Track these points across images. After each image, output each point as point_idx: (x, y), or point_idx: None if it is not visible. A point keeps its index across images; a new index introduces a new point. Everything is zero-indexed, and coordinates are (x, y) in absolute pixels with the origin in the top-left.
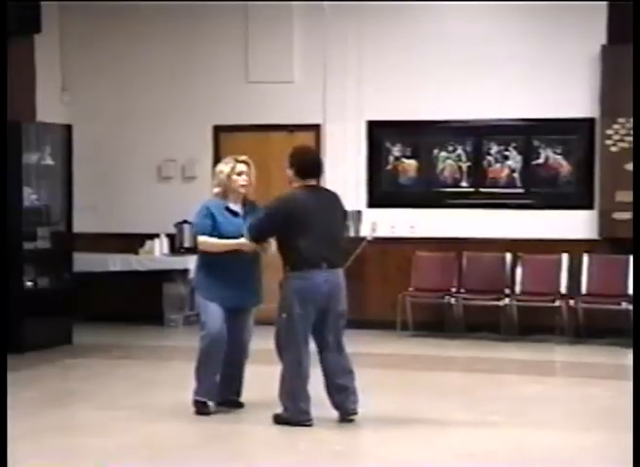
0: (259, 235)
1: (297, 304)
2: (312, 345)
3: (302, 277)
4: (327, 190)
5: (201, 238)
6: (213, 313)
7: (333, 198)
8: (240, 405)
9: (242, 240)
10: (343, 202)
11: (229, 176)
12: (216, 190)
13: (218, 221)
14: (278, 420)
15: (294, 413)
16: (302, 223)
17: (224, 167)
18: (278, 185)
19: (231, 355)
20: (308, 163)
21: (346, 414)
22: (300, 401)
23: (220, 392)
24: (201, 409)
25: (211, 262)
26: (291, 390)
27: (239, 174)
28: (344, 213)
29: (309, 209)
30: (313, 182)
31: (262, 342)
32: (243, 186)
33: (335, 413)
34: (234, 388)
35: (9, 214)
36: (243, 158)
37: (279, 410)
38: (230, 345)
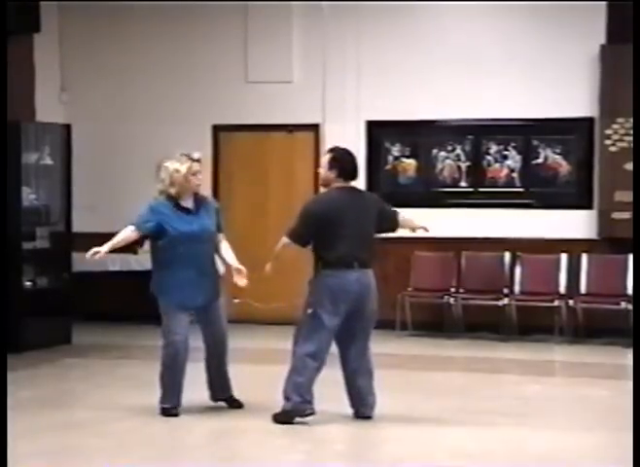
0: (298, 238)
1: (327, 301)
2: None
3: (335, 276)
4: (362, 191)
5: (127, 228)
6: (177, 319)
7: (369, 199)
8: (239, 404)
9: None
10: (380, 201)
11: (186, 177)
12: (171, 190)
13: (170, 220)
14: (278, 418)
15: (296, 404)
16: (338, 223)
17: (179, 167)
18: (276, 184)
19: (211, 353)
20: (352, 166)
21: (361, 417)
22: (305, 393)
23: (213, 394)
24: (168, 412)
25: (166, 263)
26: (298, 381)
27: (194, 174)
28: (384, 209)
29: (345, 209)
30: (350, 183)
31: (262, 342)
32: (198, 185)
33: (335, 413)
34: (218, 387)
35: (8, 214)
36: (197, 155)
37: (282, 405)
38: (207, 344)
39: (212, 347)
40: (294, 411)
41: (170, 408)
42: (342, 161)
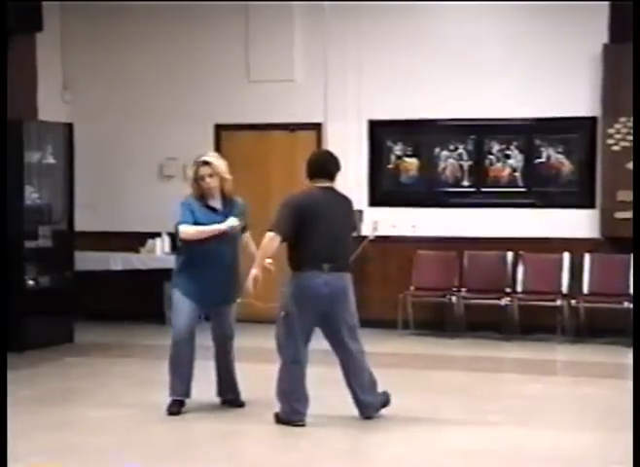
0: (280, 229)
1: (294, 304)
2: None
3: (302, 278)
4: (337, 192)
5: (182, 227)
6: (182, 312)
7: (342, 201)
8: (240, 404)
9: (218, 226)
10: (353, 206)
11: (194, 180)
12: (191, 190)
13: (196, 216)
14: (278, 419)
15: (286, 413)
16: (306, 223)
17: (189, 172)
18: (278, 183)
19: (217, 354)
20: (316, 164)
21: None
22: (292, 401)
23: (219, 392)
24: (171, 408)
25: (190, 259)
26: (285, 389)
27: (202, 178)
28: (352, 215)
29: (314, 210)
30: (324, 183)
31: (262, 341)
32: (210, 188)
33: (336, 412)
34: (225, 388)
35: (10, 213)
36: (206, 158)
37: (278, 408)
38: (214, 344)
39: (217, 348)
40: (285, 419)
41: (174, 400)
42: (309, 160)
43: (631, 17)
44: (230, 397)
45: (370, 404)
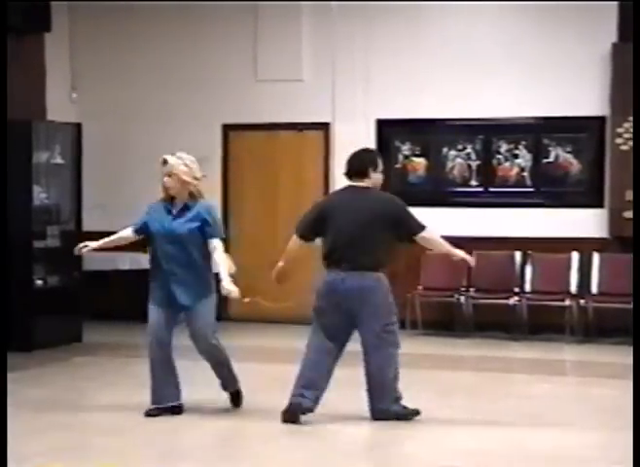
0: (297, 228)
1: (317, 300)
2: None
3: (326, 275)
4: (371, 192)
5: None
6: (152, 318)
7: (377, 201)
8: (238, 402)
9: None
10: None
11: (164, 175)
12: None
13: (150, 219)
14: (284, 416)
15: (291, 397)
16: (329, 221)
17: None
18: (286, 182)
19: (203, 354)
20: (347, 164)
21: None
22: (298, 386)
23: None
24: (149, 412)
25: (152, 263)
26: (298, 374)
27: (165, 176)
28: (402, 220)
29: (341, 207)
30: (356, 182)
31: (271, 341)
32: (167, 188)
33: (342, 413)
34: (223, 383)
35: (18, 213)
36: (166, 156)
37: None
38: (195, 344)
39: (199, 350)
40: (291, 404)
41: (150, 409)
42: (348, 160)
43: None
44: (230, 389)
45: (381, 412)
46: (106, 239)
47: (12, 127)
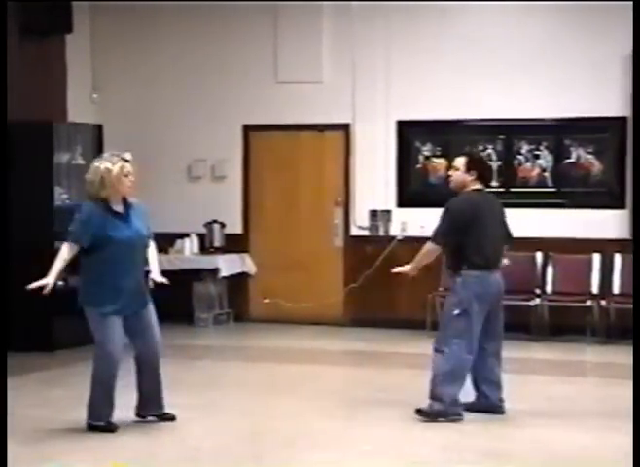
0: (443, 239)
1: (475, 302)
2: None
3: (481, 277)
4: (490, 193)
5: (65, 246)
6: (113, 329)
7: (497, 202)
8: (172, 416)
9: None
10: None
11: (118, 177)
12: (102, 192)
13: (107, 228)
14: (425, 414)
15: (449, 406)
16: (483, 224)
17: (111, 167)
18: (307, 183)
19: (145, 365)
20: (490, 171)
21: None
22: (456, 395)
23: (141, 410)
24: (105, 428)
25: (101, 271)
26: (454, 381)
27: (127, 175)
28: (505, 221)
29: (486, 212)
30: (483, 187)
31: (292, 342)
32: (131, 188)
33: (362, 413)
34: (159, 401)
35: (40, 214)
36: (128, 156)
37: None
38: (138, 355)
39: (145, 358)
40: (446, 413)
41: (106, 425)
42: (482, 164)
43: None
44: (157, 411)
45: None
46: (55, 267)
47: (33, 128)
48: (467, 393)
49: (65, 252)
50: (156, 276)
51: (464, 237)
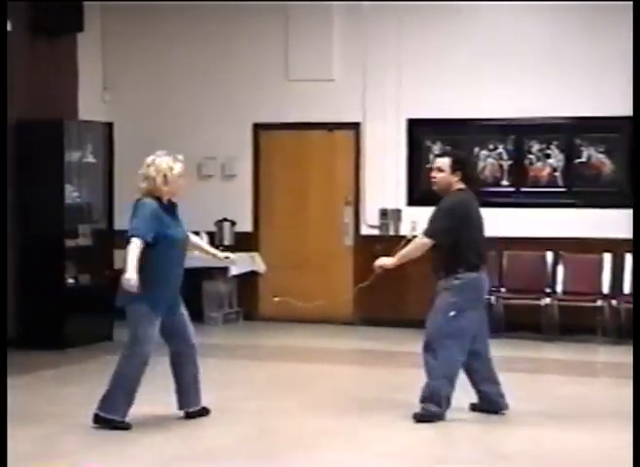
0: (441, 237)
1: (472, 305)
2: None
3: (478, 279)
4: (470, 191)
5: (136, 242)
6: (152, 329)
7: (476, 201)
8: (207, 410)
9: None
10: None
11: (179, 176)
12: (164, 189)
13: (167, 226)
14: (421, 417)
15: (445, 408)
16: (474, 224)
17: (174, 165)
18: (317, 182)
19: (185, 361)
20: (473, 169)
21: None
22: (450, 396)
23: (185, 403)
24: (119, 426)
25: (159, 269)
26: (449, 383)
27: (181, 176)
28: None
29: (475, 212)
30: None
31: (303, 341)
32: (184, 188)
33: (374, 414)
34: (198, 395)
35: (51, 211)
36: (181, 157)
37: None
38: (177, 351)
39: (186, 353)
40: (439, 416)
41: (121, 421)
42: (466, 164)
43: None
44: (198, 405)
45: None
46: (133, 263)
47: (44, 127)
48: (469, 394)
49: (135, 248)
50: (219, 253)
51: (459, 237)
